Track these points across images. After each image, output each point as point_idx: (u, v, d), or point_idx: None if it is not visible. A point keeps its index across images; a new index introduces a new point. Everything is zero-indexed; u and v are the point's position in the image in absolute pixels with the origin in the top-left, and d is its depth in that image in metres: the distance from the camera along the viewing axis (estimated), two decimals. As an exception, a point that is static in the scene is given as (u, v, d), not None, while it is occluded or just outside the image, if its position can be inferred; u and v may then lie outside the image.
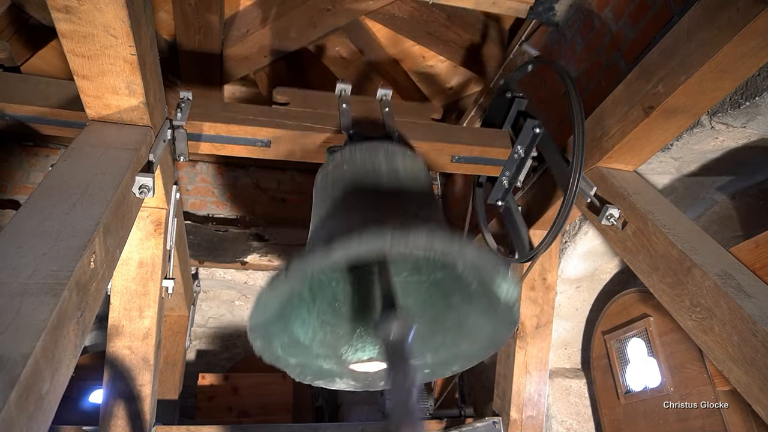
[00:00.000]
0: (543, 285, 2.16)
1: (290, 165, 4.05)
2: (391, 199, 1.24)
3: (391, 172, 1.31)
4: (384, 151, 1.36)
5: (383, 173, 1.30)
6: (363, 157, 1.34)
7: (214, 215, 3.92)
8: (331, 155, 1.48)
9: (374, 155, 1.35)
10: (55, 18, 1.12)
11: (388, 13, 3.00)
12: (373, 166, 1.31)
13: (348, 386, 1.30)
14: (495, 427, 2.15)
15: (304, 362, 1.27)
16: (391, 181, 1.28)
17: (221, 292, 4.31)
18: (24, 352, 0.71)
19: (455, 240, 0.96)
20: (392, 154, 1.36)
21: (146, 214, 1.72)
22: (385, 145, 1.39)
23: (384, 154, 1.35)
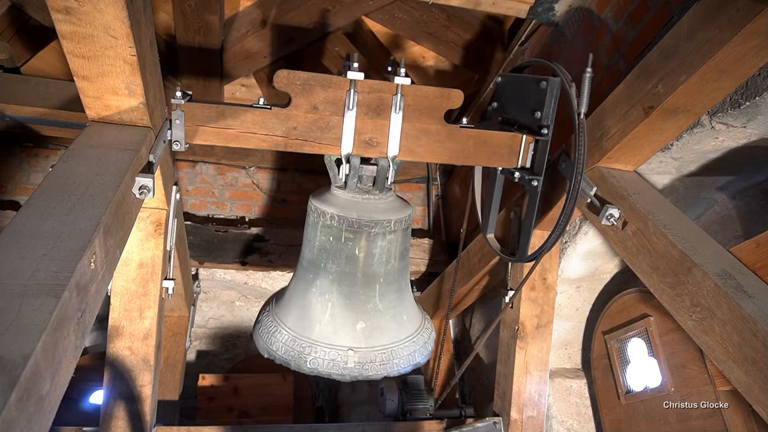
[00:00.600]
0: (543, 285, 2.16)
1: (290, 165, 4.05)
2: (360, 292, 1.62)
3: (367, 259, 1.60)
4: (366, 235, 1.59)
5: (360, 262, 1.60)
6: (347, 238, 1.59)
7: (214, 216, 3.92)
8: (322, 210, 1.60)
9: (357, 238, 1.59)
10: (55, 19, 1.12)
11: (387, 13, 3.00)
12: (354, 253, 1.60)
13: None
14: (495, 427, 2.15)
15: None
16: (365, 269, 1.61)
17: (221, 292, 4.31)
18: (24, 353, 0.71)
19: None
20: (374, 236, 1.59)
21: (146, 215, 1.72)
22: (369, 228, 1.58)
23: (365, 238, 1.59)
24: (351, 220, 1.56)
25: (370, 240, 1.60)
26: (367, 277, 1.62)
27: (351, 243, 1.59)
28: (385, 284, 1.65)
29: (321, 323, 1.60)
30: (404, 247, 1.70)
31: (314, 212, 1.62)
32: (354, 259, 1.60)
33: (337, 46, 3.36)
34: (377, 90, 1.59)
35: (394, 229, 1.62)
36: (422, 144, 1.67)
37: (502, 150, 1.77)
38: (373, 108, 1.61)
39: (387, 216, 1.60)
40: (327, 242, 1.60)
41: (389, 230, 1.61)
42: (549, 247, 1.68)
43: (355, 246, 1.59)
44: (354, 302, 1.62)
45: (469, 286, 2.72)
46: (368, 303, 1.63)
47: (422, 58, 3.42)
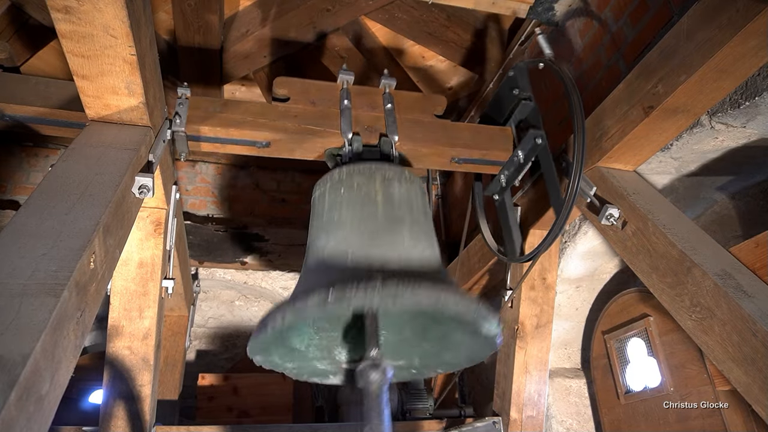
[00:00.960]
0: (543, 285, 2.16)
1: (290, 165, 4.05)
2: (385, 233, 1.28)
3: (387, 200, 1.35)
4: (381, 177, 1.40)
5: (379, 203, 1.34)
6: (359, 183, 1.38)
7: (213, 215, 3.92)
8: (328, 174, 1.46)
9: (371, 181, 1.38)
10: (55, 18, 1.12)
11: (387, 13, 3.00)
12: (369, 195, 1.35)
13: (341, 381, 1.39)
14: (495, 426, 2.15)
15: (300, 365, 1.34)
16: (386, 212, 1.32)
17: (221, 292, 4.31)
18: (24, 353, 0.71)
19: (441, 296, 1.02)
20: (389, 180, 1.40)
21: (146, 215, 1.72)
22: (383, 171, 1.41)
23: (381, 181, 1.39)
24: (361, 167, 1.41)
25: (386, 182, 1.38)
26: (390, 221, 1.31)
27: (365, 187, 1.36)
28: (415, 230, 1.32)
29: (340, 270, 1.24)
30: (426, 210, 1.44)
31: (320, 183, 1.46)
32: (371, 200, 1.32)
33: (337, 45, 3.36)
34: (367, 93, 1.77)
35: (410, 178, 1.44)
36: (420, 131, 1.77)
37: (497, 138, 1.88)
38: (367, 104, 1.75)
39: (400, 168, 1.46)
40: (337, 197, 1.36)
41: (405, 178, 1.42)
42: (547, 246, 1.68)
43: (370, 188, 1.35)
44: (378, 246, 1.25)
45: (469, 286, 2.72)
46: (397, 246, 1.27)
47: (422, 57, 3.42)
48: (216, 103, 1.64)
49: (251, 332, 1.14)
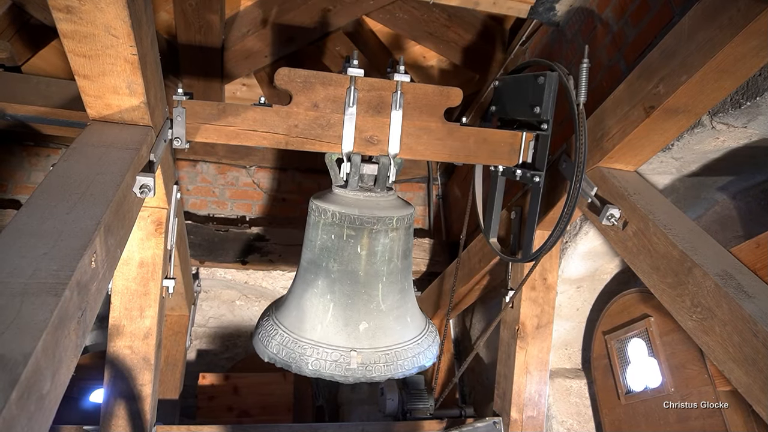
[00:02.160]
0: (543, 285, 2.16)
1: (291, 165, 4.05)
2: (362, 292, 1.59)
3: (369, 257, 1.58)
4: (369, 231, 1.57)
5: (362, 260, 1.58)
6: (349, 236, 1.57)
7: (214, 215, 3.93)
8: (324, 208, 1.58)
9: (359, 235, 1.57)
10: (56, 18, 1.13)
11: (388, 13, 3.00)
12: (355, 251, 1.58)
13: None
14: (495, 427, 2.15)
15: None
16: (367, 268, 1.59)
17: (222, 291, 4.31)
18: (25, 352, 0.71)
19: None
20: (376, 233, 1.57)
21: (147, 214, 1.72)
22: (371, 225, 1.56)
23: (368, 234, 1.57)
24: (353, 216, 1.55)
25: (372, 237, 1.58)
26: (369, 276, 1.60)
27: (353, 241, 1.57)
28: (388, 283, 1.62)
29: (323, 324, 1.58)
30: (407, 247, 1.68)
31: (315, 211, 1.61)
32: (356, 257, 1.58)
33: (338, 45, 3.36)
34: (377, 88, 1.60)
35: (396, 226, 1.61)
36: (423, 142, 1.68)
37: (502, 148, 1.77)
38: (374, 106, 1.61)
39: (389, 213, 1.59)
40: (328, 241, 1.59)
41: (391, 227, 1.59)
42: (549, 247, 1.68)
43: (357, 244, 1.57)
44: (356, 302, 1.59)
45: (470, 286, 2.72)
46: (371, 303, 1.61)
47: (423, 57, 3.42)
48: (214, 109, 1.54)
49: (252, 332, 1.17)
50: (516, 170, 1.79)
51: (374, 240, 1.58)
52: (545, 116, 1.68)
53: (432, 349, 1.70)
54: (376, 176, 1.65)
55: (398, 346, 1.62)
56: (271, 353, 1.58)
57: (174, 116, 1.52)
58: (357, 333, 1.58)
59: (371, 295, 1.61)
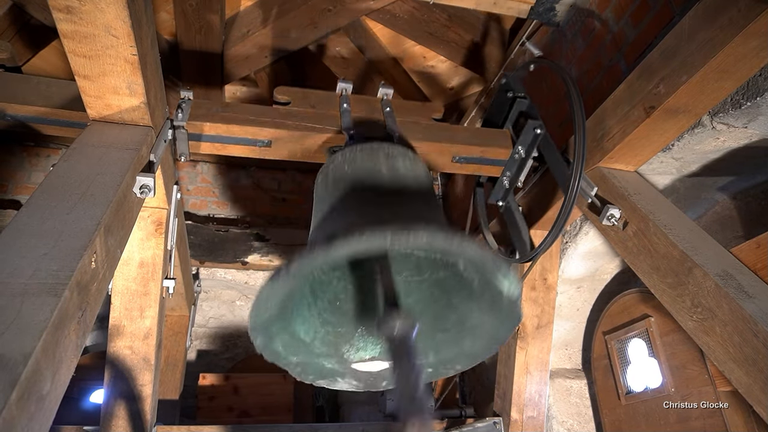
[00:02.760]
0: (544, 285, 2.15)
1: (291, 165, 4.05)
2: (392, 200, 1.26)
3: (392, 171, 1.32)
4: (384, 152, 1.38)
5: (384, 173, 1.31)
6: (364, 157, 1.36)
7: (214, 215, 3.92)
8: (331, 156, 1.48)
9: (375, 155, 1.36)
10: (57, 18, 1.13)
11: (388, 13, 3.00)
12: (374, 166, 1.32)
13: (350, 386, 1.30)
14: (495, 427, 2.15)
15: (305, 361, 1.26)
16: (392, 181, 1.30)
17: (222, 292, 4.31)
18: (25, 352, 0.71)
19: (455, 238, 0.96)
20: (393, 154, 1.38)
21: (147, 214, 1.72)
22: (386, 146, 1.40)
23: (384, 155, 1.37)
24: (365, 146, 1.38)
25: (390, 158, 1.36)
26: (396, 190, 1.28)
27: (369, 161, 1.34)
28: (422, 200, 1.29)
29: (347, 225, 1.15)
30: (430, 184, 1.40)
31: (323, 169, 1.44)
32: (377, 171, 1.30)
33: (338, 46, 3.36)
34: (366, 101, 1.83)
35: (414, 158, 1.40)
36: (419, 131, 1.80)
37: (496, 138, 1.89)
38: (366, 110, 1.81)
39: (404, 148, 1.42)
40: (341, 173, 1.34)
41: (409, 156, 1.40)
42: (547, 246, 1.68)
43: (375, 162, 1.33)
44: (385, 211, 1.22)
45: (470, 286, 2.72)
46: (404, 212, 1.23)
47: (423, 58, 3.42)
48: (217, 104, 1.67)
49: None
50: (517, 149, 1.82)
51: (393, 160, 1.36)
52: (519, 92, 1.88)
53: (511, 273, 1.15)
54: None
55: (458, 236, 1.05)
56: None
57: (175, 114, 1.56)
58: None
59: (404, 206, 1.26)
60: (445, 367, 1.29)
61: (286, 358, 1.22)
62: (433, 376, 1.32)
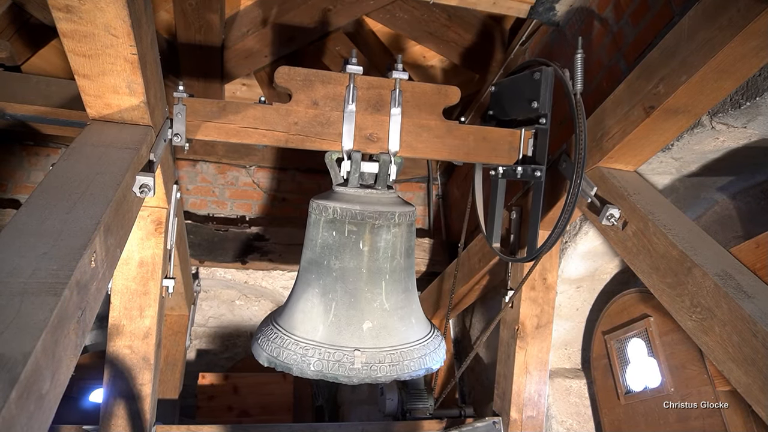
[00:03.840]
0: (543, 285, 2.16)
1: (290, 165, 4.05)
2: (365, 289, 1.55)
3: (372, 253, 1.56)
4: (371, 226, 1.55)
5: (365, 255, 1.55)
6: (350, 231, 1.55)
7: (214, 215, 3.92)
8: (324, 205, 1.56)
9: (361, 231, 1.55)
10: (56, 17, 1.12)
11: (388, 13, 3.00)
12: (357, 247, 1.55)
13: None
14: (495, 427, 2.15)
15: None
16: (369, 265, 1.55)
17: (221, 291, 4.31)
18: (24, 351, 0.71)
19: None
20: (377, 228, 1.55)
21: (147, 214, 1.72)
22: (373, 220, 1.54)
23: (370, 230, 1.55)
24: (354, 212, 1.53)
25: (374, 233, 1.55)
26: (372, 274, 1.56)
27: (354, 237, 1.54)
28: (391, 282, 1.58)
29: (325, 324, 1.53)
30: (409, 245, 1.65)
31: (316, 210, 1.59)
32: (358, 254, 1.54)
33: (338, 45, 3.36)
34: (376, 86, 1.63)
35: (399, 222, 1.58)
36: (422, 140, 1.69)
37: (502, 146, 1.78)
38: (373, 104, 1.64)
39: (391, 209, 1.57)
40: (330, 238, 1.55)
41: (393, 223, 1.56)
42: (549, 246, 1.68)
43: (359, 240, 1.54)
44: (359, 301, 1.54)
45: (469, 286, 2.73)
46: (374, 301, 1.56)
47: (423, 57, 3.42)
48: (214, 106, 1.56)
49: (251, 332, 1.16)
50: (516, 168, 1.79)
51: (376, 236, 1.55)
52: (543, 110, 1.71)
53: (439, 352, 1.64)
54: (376, 174, 1.65)
55: (404, 347, 1.57)
56: (271, 356, 1.52)
57: (174, 113, 1.53)
58: (360, 332, 1.53)
59: (374, 293, 1.56)
60: None
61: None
62: None
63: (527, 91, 1.76)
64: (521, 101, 1.79)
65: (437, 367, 1.61)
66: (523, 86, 1.78)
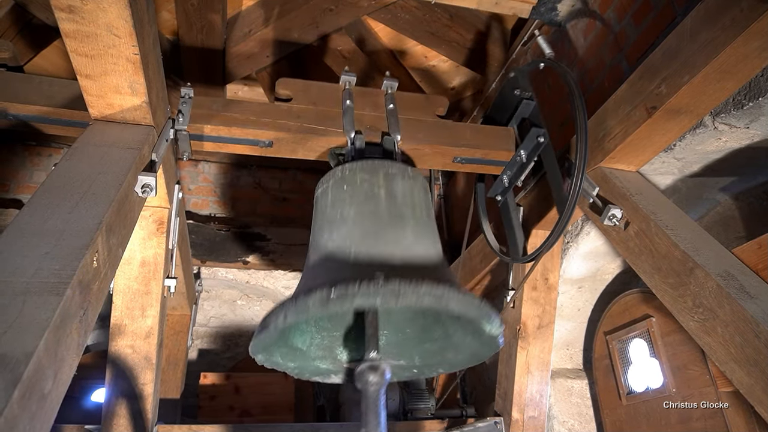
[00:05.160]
0: (545, 285, 2.15)
1: (292, 164, 4.05)
2: (388, 229, 1.28)
3: (389, 196, 1.35)
4: (384, 173, 1.40)
5: (382, 199, 1.34)
6: (362, 179, 1.38)
7: (216, 215, 3.93)
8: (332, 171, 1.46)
9: (374, 177, 1.39)
10: (59, 17, 1.13)
11: (390, 13, 3.00)
12: (372, 191, 1.35)
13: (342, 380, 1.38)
14: (496, 427, 2.14)
15: (302, 365, 1.34)
16: (390, 209, 1.33)
17: (223, 291, 4.31)
18: (27, 351, 0.71)
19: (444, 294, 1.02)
20: (392, 176, 1.41)
21: (148, 214, 1.72)
22: (386, 167, 1.42)
23: (384, 177, 1.40)
24: (364, 164, 1.42)
25: (388, 179, 1.38)
26: (394, 217, 1.30)
27: (368, 184, 1.36)
28: (419, 229, 1.31)
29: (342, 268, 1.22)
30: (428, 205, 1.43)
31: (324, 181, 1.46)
32: (374, 196, 1.33)
33: (340, 45, 3.36)
34: (369, 94, 1.78)
35: (413, 176, 1.43)
36: (422, 130, 1.78)
37: (499, 137, 1.87)
38: (369, 105, 1.76)
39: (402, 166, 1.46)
40: (340, 193, 1.36)
41: (408, 175, 1.42)
42: (549, 246, 1.68)
43: (373, 185, 1.36)
44: (383, 241, 1.24)
45: (471, 286, 2.72)
46: (401, 242, 1.25)
47: (425, 57, 3.42)
48: (218, 102, 1.64)
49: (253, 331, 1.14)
50: (519, 152, 1.80)
51: (392, 182, 1.38)
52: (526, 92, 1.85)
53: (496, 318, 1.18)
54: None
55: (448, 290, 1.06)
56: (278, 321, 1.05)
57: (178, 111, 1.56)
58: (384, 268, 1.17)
59: (399, 235, 1.27)
60: (428, 369, 1.38)
61: (285, 365, 1.30)
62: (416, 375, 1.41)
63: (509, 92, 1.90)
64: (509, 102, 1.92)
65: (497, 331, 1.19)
66: (505, 92, 1.92)
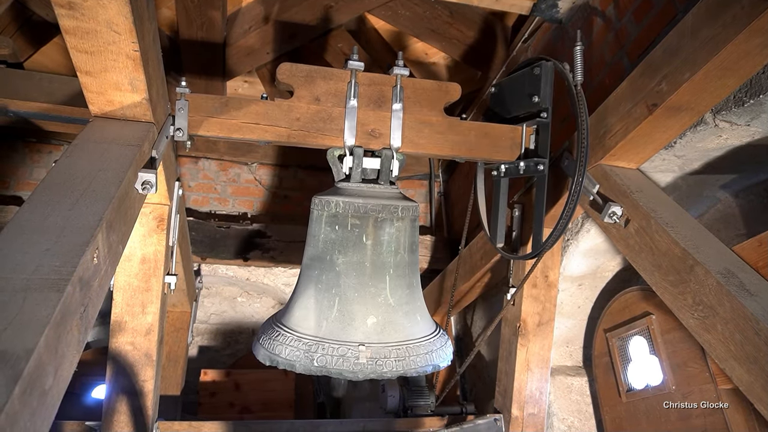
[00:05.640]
0: (545, 282, 2.15)
1: (293, 162, 4.05)
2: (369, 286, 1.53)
3: (376, 247, 1.54)
4: (373, 221, 1.54)
5: (368, 250, 1.54)
6: (353, 225, 1.54)
7: (216, 212, 3.93)
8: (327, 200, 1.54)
9: (364, 224, 1.54)
10: (59, 14, 1.12)
11: (390, 10, 3.00)
12: (360, 240, 1.54)
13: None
14: (496, 424, 2.15)
15: None
16: (373, 259, 1.54)
17: (223, 288, 4.32)
18: (27, 348, 0.71)
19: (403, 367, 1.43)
20: (380, 222, 1.54)
21: (149, 211, 1.72)
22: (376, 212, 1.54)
23: (373, 224, 1.54)
24: (357, 205, 1.51)
25: (377, 226, 1.53)
26: (376, 268, 1.53)
27: (358, 230, 1.52)
28: (395, 277, 1.55)
29: (328, 320, 1.49)
30: (413, 240, 1.61)
31: (318, 206, 1.57)
32: (362, 247, 1.52)
33: (340, 42, 3.36)
34: (377, 82, 1.66)
35: (402, 216, 1.56)
36: (424, 135, 1.71)
37: (504, 142, 1.79)
38: (374, 100, 1.66)
39: (394, 202, 1.55)
40: (332, 233, 1.53)
41: (397, 216, 1.55)
42: (551, 244, 1.68)
43: (362, 233, 1.52)
44: (363, 296, 1.51)
45: (471, 283, 2.72)
46: (379, 296, 1.52)
47: (425, 54, 3.42)
48: (216, 102, 1.58)
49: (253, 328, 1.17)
50: (519, 163, 1.79)
51: (380, 229, 1.54)
52: (544, 104, 1.72)
53: (446, 350, 1.59)
54: (379, 170, 1.64)
55: (410, 342, 1.52)
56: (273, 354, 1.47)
57: (176, 110, 1.53)
58: (365, 328, 1.49)
59: (378, 288, 1.53)
60: None
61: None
62: None
63: (528, 87, 1.77)
64: (522, 97, 1.80)
65: (444, 365, 1.57)
66: (524, 82, 1.79)
